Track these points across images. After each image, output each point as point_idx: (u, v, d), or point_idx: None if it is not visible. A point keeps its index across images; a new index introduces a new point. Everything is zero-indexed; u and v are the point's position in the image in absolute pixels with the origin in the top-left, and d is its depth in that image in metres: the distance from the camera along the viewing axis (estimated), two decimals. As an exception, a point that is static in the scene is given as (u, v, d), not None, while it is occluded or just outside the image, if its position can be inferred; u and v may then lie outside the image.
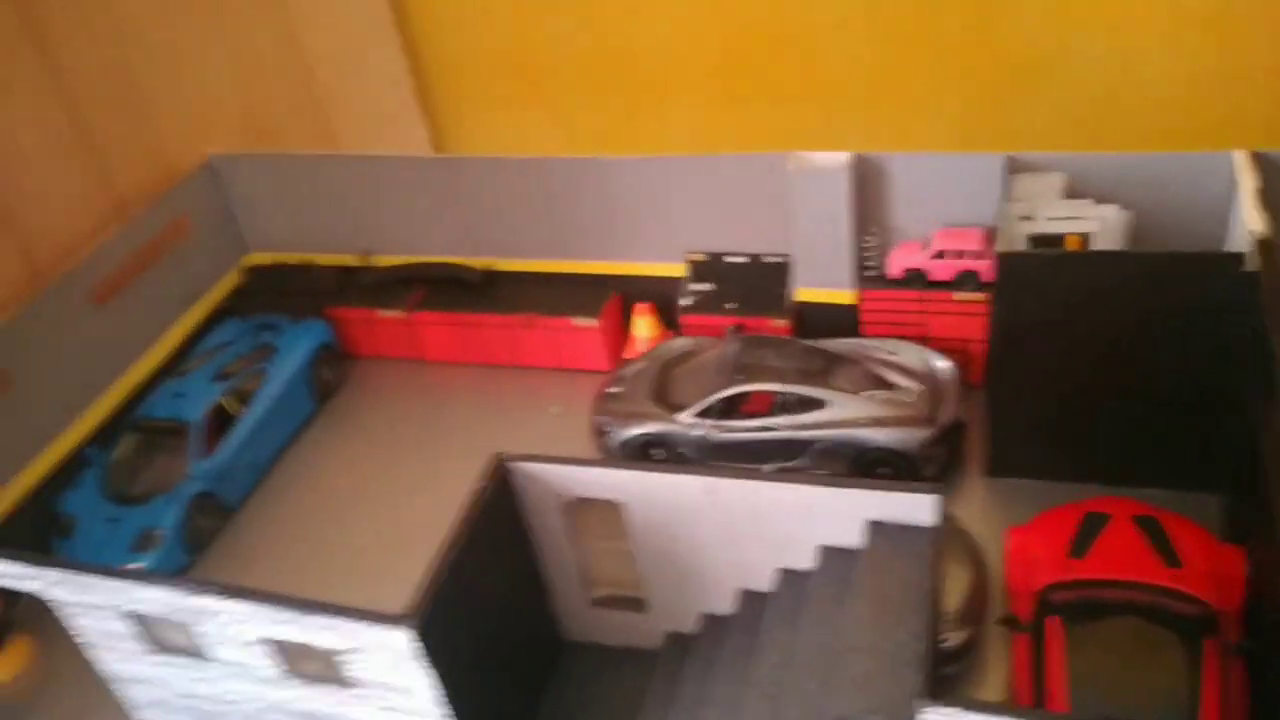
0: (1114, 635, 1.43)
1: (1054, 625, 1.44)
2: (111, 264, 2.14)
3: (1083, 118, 2.25)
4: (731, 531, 1.41)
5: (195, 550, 1.98)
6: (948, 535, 1.52)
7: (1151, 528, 1.57)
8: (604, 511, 1.60)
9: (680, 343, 2.13)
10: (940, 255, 1.91)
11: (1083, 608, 1.47)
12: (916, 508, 1.29)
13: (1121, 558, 1.53)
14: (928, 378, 1.91)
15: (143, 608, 1.37)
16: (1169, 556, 1.52)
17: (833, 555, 1.36)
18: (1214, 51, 2.22)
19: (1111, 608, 1.46)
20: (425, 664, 1.25)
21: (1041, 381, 1.74)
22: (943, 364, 1.93)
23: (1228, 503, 1.69)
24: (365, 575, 1.89)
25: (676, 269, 2.18)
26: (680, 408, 1.94)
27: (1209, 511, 1.69)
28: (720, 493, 1.37)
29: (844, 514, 1.33)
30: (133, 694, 1.54)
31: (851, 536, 1.34)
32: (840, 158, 1.90)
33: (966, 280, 1.91)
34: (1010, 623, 1.51)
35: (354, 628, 1.25)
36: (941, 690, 1.11)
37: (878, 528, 1.31)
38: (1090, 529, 1.59)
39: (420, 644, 1.23)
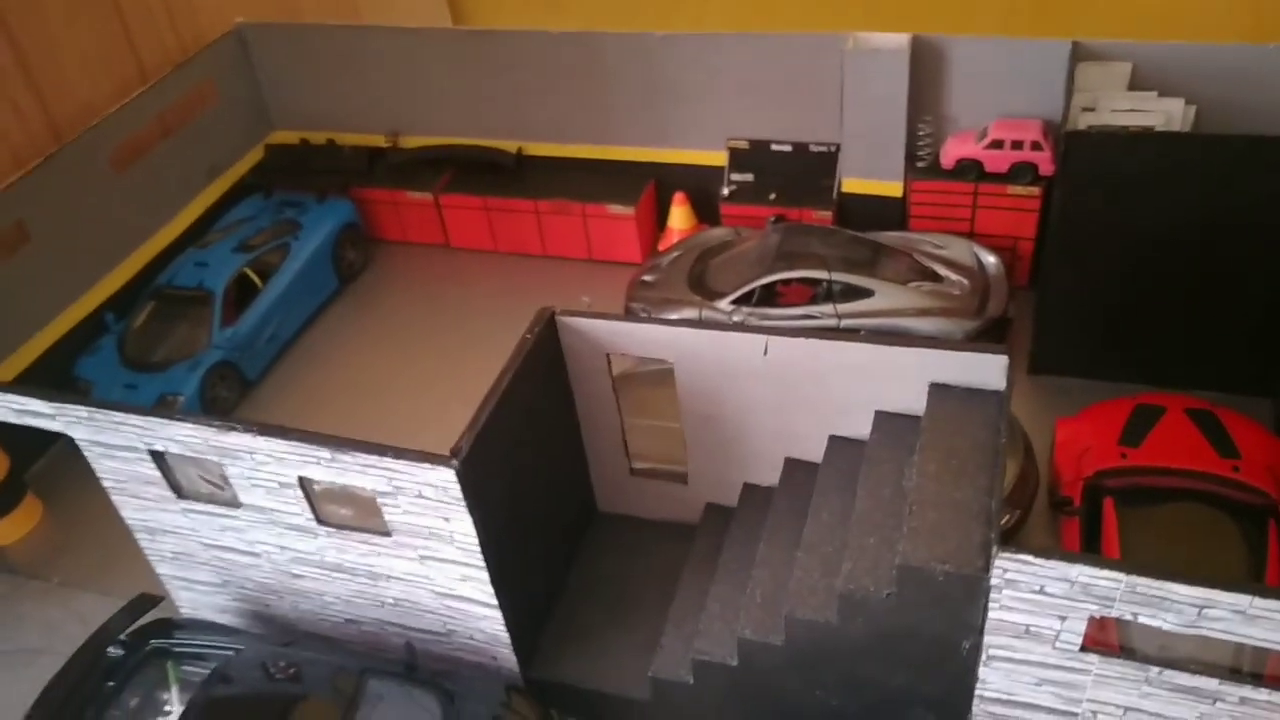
0: (1168, 520, 1.40)
1: (1109, 505, 1.40)
2: (134, 126, 2.07)
3: (1150, 5, 2.15)
4: (784, 396, 1.36)
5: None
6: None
7: (1207, 420, 1.53)
8: (648, 391, 1.56)
9: (719, 232, 2.07)
10: (997, 145, 1.85)
11: (1136, 493, 1.43)
12: (983, 369, 1.24)
13: (1177, 447, 1.48)
14: (975, 272, 1.85)
15: (172, 446, 1.32)
16: (1226, 448, 1.47)
17: (890, 421, 1.31)
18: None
19: (1167, 494, 1.42)
20: (467, 505, 1.20)
21: (1098, 275, 1.68)
22: (991, 259, 1.88)
23: (1285, 403, 1.64)
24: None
25: (717, 157, 2.11)
26: (719, 295, 1.89)
27: (1262, 413, 1.64)
28: (776, 352, 1.32)
29: (906, 376, 1.28)
30: (156, 545, 1.49)
31: (912, 400, 1.29)
32: (900, 39, 1.83)
33: (1022, 173, 1.85)
34: (1063, 505, 1.47)
35: (396, 466, 1.21)
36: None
37: (941, 390, 1.26)
38: (1143, 420, 1.55)
39: (462, 484, 1.19)
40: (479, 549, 1.24)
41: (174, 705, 1.35)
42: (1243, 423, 1.52)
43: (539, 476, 1.42)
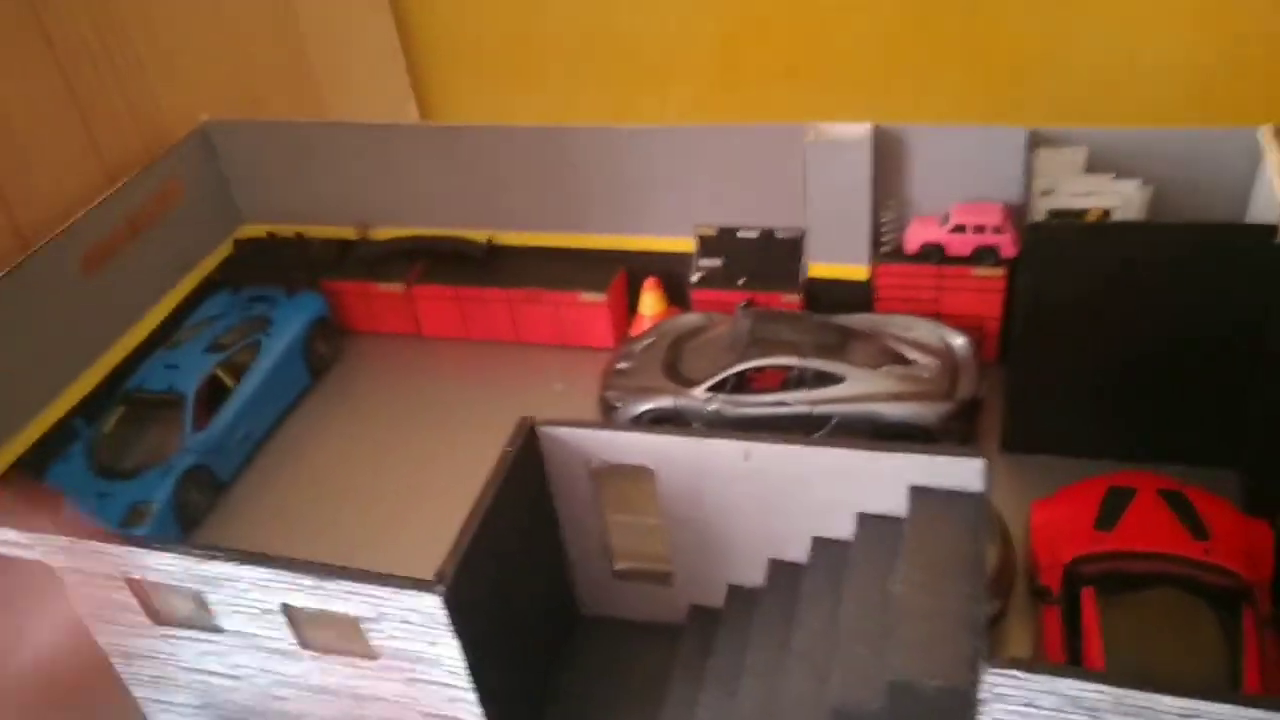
0: (1146, 606, 1.41)
1: (1088, 595, 1.42)
2: (101, 231, 2.06)
3: (1101, 92, 2.23)
4: (766, 499, 1.37)
5: (187, 525, 1.92)
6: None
7: (1178, 501, 1.55)
8: (629, 486, 1.56)
9: (690, 318, 2.09)
10: (959, 229, 1.89)
11: (1114, 579, 1.45)
12: (962, 472, 1.26)
13: (1151, 530, 1.51)
14: (944, 353, 1.88)
15: (151, 575, 1.30)
16: (1198, 529, 1.50)
17: (872, 523, 1.32)
18: (1234, 23, 2.21)
19: (1143, 580, 1.44)
20: (453, 630, 1.20)
21: (1065, 355, 1.71)
22: (959, 340, 1.91)
23: (1250, 478, 1.68)
24: (358, 552, 1.81)
25: (685, 244, 2.14)
26: (692, 383, 1.90)
27: (1229, 487, 1.68)
28: (758, 458, 1.33)
29: (886, 479, 1.29)
30: (133, 670, 1.47)
31: (892, 503, 1.31)
32: (861, 129, 1.87)
33: (985, 256, 1.89)
34: (1043, 594, 1.48)
35: (380, 593, 1.20)
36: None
37: (921, 493, 1.28)
38: (1116, 502, 1.57)
39: (448, 610, 1.18)
40: (466, 672, 1.24)
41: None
42: (1212, 502, 1.55)
43: (523, 587, 1.42)
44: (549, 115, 2.79)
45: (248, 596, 1.28)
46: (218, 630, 1.34)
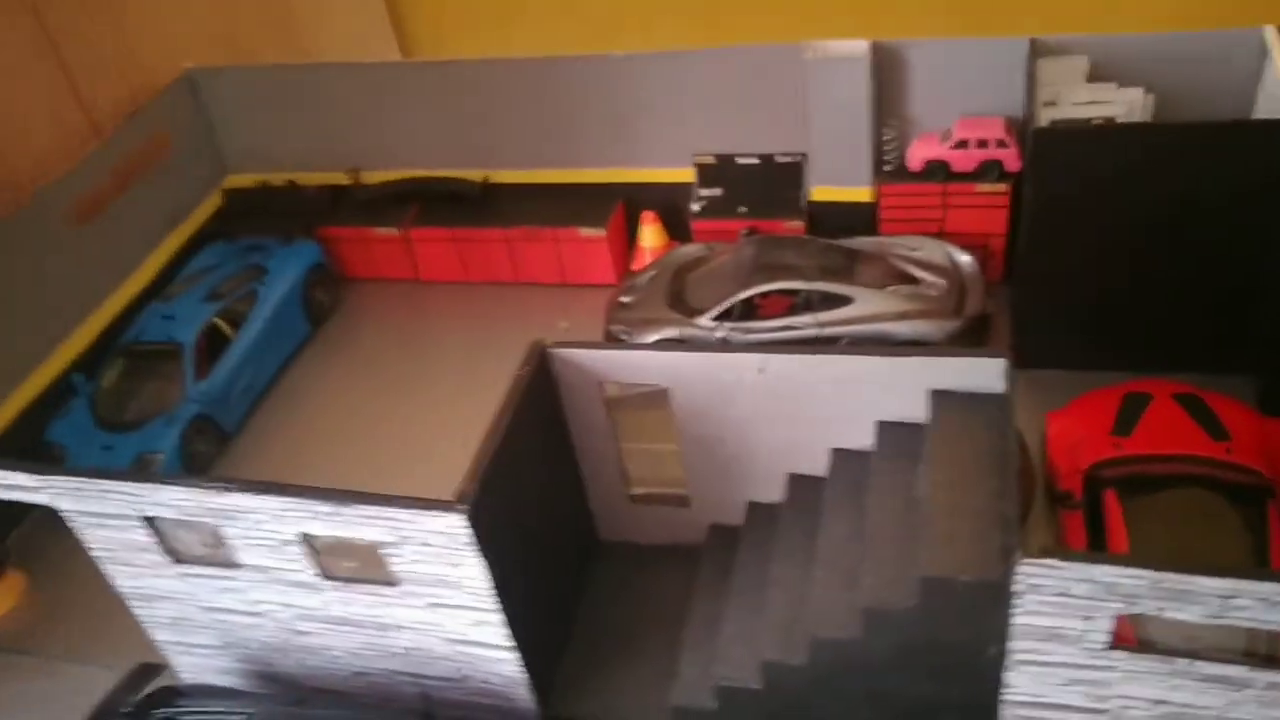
0: (1170, 505, 1.41)
1: (1111, 496, 1.41)
2: (90, 182, 2.02)
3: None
4: (783, 412, 1.36)
5: (194, 476, 1.89)
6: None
7: (1194, 404, 1.55)
8: (643, 412, 1.55)
9: (691, 248, 2.06)
10: (962, 145, 1.86)
11: (1136, 482, 1.44)
12: (983, 373, 1.25)
13: (1169, 433, 1.50)
14: (951, 272, 1.86)
15: (165, 511, 1.29)
16: (1217, 431, 1.49)
17: (892, 430, 1.31)
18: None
19: (1165, 481, 1.44)
20: (477, 550, 1.18)
21: (1074, 267, 1.70)
22: (965, 258, 1.89)
23: (1263, 377, 1.67)
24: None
25: (683, 174, 2.11)
26: (699, 312, 1.88)
27: (1244, 393, 1.67)
28: (773, 369, 1.32)
29: (905, 385, 1.28)
30: (152, 612, 1.46)
31: (912, 409, 1.30)
32: (860, 45, 1.84)
33: (989, 170, 1.87)
34: (1064, 499, 1.47)
35: (401, 516, 1.18)
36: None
37: (942, 397, 1.27)
38: (1132, 408, 1.56)
39: (472, 527, 1.17)
40: (491, 593, 1.23)
41: (186, 776, 1.32)
42: (1229, 404, 1.54)
43: (542, 512, 1.41)
44: (534, 44, 2.73)
45: (264, 528, 1.26)
46: (236, 566, 1.33)
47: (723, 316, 1.86)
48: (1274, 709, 1.05)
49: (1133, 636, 1.14)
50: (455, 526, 1.17)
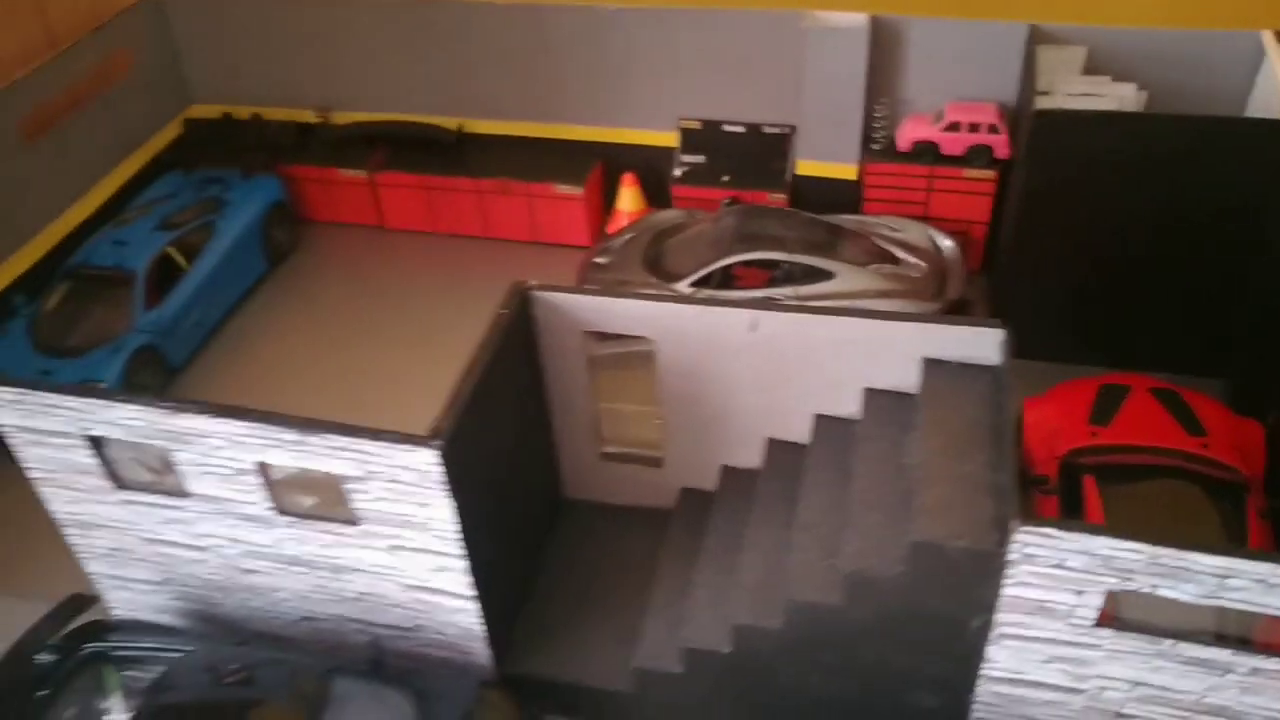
0: (1149, 496, 1.40)
1: (1089, 482, 1.40)
2: (42, 96, 1.92)
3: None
4: (770, 373, 1.32)
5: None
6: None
7: (1171, 399, 1.54)
8: (618, 370, 1.50)
9: (671, 214, 2.02)
10: (954, 128, 1.84)
11: (1112, 471, 1.43)
12: (980, 343, 1.22)
13: (1147, 425, 1.49)
14: (933, 255, 1.84)
15: (114, 431, 1.21)
16: (1193, 426, 1.49)
17: (880, 398, 1.28)
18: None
19: (1143, 470, 1.43)
20: (447, 490, 1.13)
21: (1057, 258, 1.69)
22: (948, 242, 1.87)
23: (1236, 384, 1.67)
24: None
25: (667, 138, 2.06)
26: (676, 277, 1.84)
27: (1216, 396, 1.67)
28: (765, 328, 1.28)
29: (899, 351, 1.25)
30: (88, 541, 1.37)
31: (902, 378, 1.26)
32: (859, 17, 1.80)
33: (979, 156, 1.85)
34: (1038, 483, 1.46)
35: (370, 448, 1.12)
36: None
37: (936, 365, 1.24)
38: (1110, 399, 1.55)
39: (444, 466, 1.11)
40: (458, 537, 1.17)
41: (115, 714, 1.24)
42: (1205, 401, 1.54)
43: (512, 461, 1.35)
44: None
45: (220, 454, 1.19)
46: (184, 495, 1.25)
47: (700, 284, 1.82)
48: (1255, 695, 1.04)
49: (1110, 617, 1.12)
50: (428, 462, 1.11)
